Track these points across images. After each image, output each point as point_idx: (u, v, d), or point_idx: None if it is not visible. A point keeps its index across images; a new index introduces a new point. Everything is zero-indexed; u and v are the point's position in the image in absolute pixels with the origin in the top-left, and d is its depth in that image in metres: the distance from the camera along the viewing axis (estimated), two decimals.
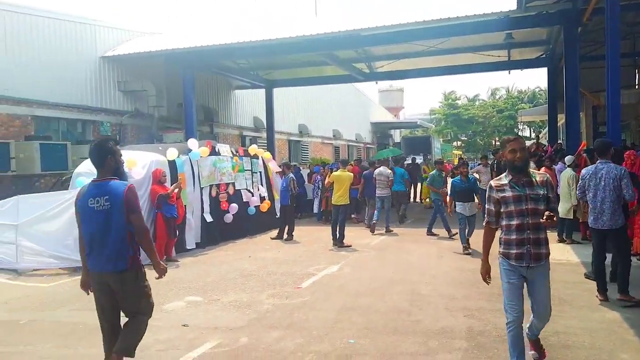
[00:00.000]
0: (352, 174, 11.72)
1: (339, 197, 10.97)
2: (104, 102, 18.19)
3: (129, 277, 3.96)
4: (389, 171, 13.07)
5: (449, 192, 10.57)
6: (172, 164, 9.96)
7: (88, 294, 4.23)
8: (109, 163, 3.99)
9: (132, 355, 4.13)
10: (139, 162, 9.22)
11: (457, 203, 9.85)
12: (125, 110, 18.90)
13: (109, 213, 3.90)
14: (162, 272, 4.17)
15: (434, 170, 12.38)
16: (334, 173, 11.54)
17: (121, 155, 4.15)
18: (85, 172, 9.18)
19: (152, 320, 5.82)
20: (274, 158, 16.31)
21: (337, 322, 5.71)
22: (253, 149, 13.44)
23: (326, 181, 12.08)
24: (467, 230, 9.69)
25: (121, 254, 3.91)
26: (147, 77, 18.89)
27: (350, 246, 10.61)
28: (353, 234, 11.85)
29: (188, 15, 52.20)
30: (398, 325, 5.55)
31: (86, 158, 13.58)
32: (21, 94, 15.50)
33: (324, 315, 6.04)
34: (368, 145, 41.07)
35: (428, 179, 12.39)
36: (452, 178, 11.06)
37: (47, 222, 8.91)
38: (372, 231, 12.46)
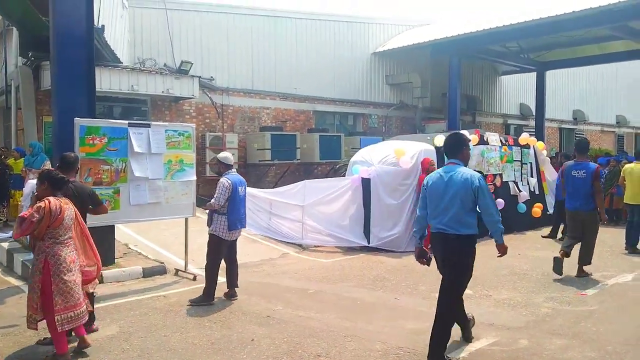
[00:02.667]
0: None
1: (635, 194, 9.29)
2: (372, 95, 19.38)
3: None
4: None
5: None
6: (439, 154, 9.90)
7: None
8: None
9: None
10: (407, 152, 9.45)
11: None
12: (391, 102, 19.77)
13: None
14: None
15: None
16: (627, 166, 9.82)
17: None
18: (361, 160, 9.87)
19: (425, 307, 5.89)
20: None
21: None
22: (525, 138, 12.43)
23: (620, 177, 10.35)
24: None
25: None
26: (413, 69, 19.37)
27: None
28: None
29: (458, 3, 51.56)
30: None
31: (356, 149, 14.76)
32: (305, 91, 17.65)
33: (620, 329, 5.14)
34: None
35: None
36: None
37: (327, 204, 9.91)
38: None
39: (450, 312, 4.45)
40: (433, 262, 4.68)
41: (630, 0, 12.68)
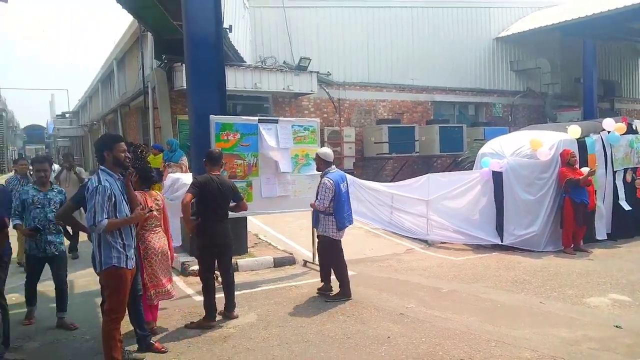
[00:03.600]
0: None
1: None
2: (495, 83, 18.29)
3: None
4: None
5: None
6: (581, 144, 8.98)
7: None
8: None
9: None
10: (545, 143, 8.67)
11: None
12: (517, 90, 18.52)
13: None
14: None
15: None
16: None
17: None
18: (490, 152, 9.26)
19: (576, 314, 5.33)
20: None
21: None
22: None
23: None
24: None
25: None
26: (541, 54, 17.96)
27: None
28: None
29: None
30: None
31: (480, 140, 13.98)
32: (423, 82, 17.11)
33: None
34: None
35: None
36: None
37: (453, 199, 9.43)
38: None
39: None
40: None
41: None
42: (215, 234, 5.28)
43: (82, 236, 7.94)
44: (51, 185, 5.47)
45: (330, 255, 6.25)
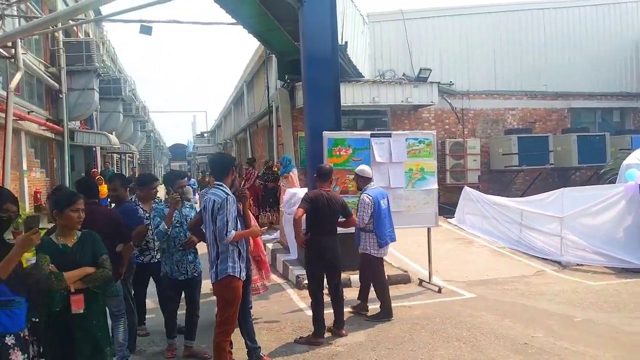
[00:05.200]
0: None
1: None
2: None
3: None
4: None
5: None
6: None
7: None
8: None
9: None
10: None
11: None
12: None
13: None
14: None
15: None
16: None
17: None
18: (636, 163, 8.15)
19: None
20: None
21: None
22: None
23: None
24: None
25: None
26: None
27: None
28: None
29: None
30: None
31: (626, 150, 12.39)
32: (557, 87, 15.76)
33: None
34: None
35: None
36: None
37: (592, 216, 8.44)
38: None
39: None
40: None
41: None
42: (323, 248, 5.27)
43: None
44: (183, 202, 5.17)
45: (370, 274, 6.03)
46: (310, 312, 5.98)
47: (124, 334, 4.56)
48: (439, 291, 6.95)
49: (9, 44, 12.77)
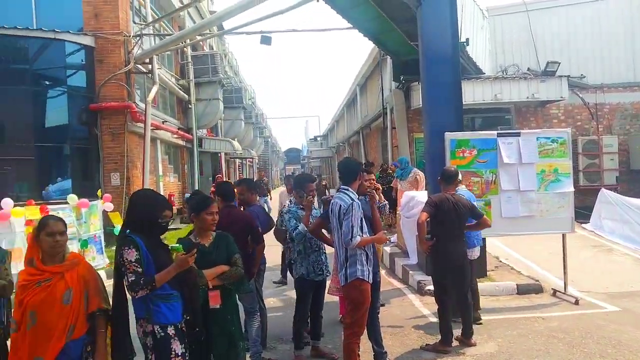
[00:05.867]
0: None
1: None
2: None
3: None
4: None
5: None
6: None
7: None
8: None
9: None
10: None
11: None
12: None
13: None
14: None
15: None
16: None
17: None
18: None
19: None
20: None
21: None
22: None
23: None
24: None
25: None
26: None
27: None
28: None
29: None
30: None
31: None
32: None
33: None
34: None
35: None
36: None
37: None
38: None
39: None
40: None
41: None
42: (450, 254, 5.10)
43: None
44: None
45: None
46: (434, 319, 5.87)
47: (257, 330, 4.78)
48: (576, 303, 6.39)
49: (147, 60, 14.16)
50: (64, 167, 13.43)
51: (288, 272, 7.81)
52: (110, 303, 3.06)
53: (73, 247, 9.34)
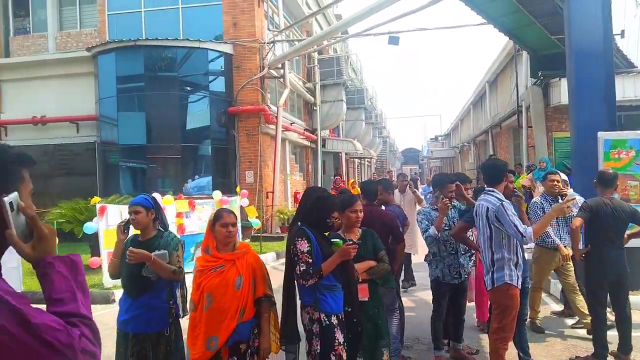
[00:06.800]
0: None
1: None
2: None
3: None
4: None
5: None
6: None
7: None
8: None
9: None
10: None
11: None
12: None
13: None
14: None
15: None
16: None
17: None
18: None
19: None
20: None
21: None
22: None
23: None
24: None
25: None
26: None
27: None
28: None
29: None
30: None
31: None
32: None
33: None
34: None
35: None
36: None
37: None
38: None
39: None
40: None
41: None
42: (608, 263, 4.70)
43: None
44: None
45: None
46: (581, 331, 5.48)
47: (397, 328, 4.82)
48: None
49: (279, 65, 14.92)
50: (204, 165, 14.64)
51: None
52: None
53: None
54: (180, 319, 3.57)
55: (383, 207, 5.40)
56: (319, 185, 19.11)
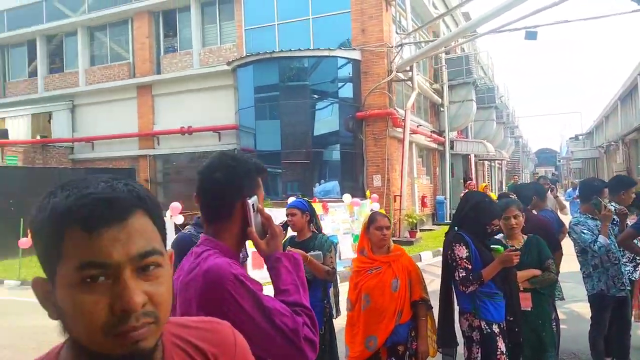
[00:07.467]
0: None
1: None
2: None
3: None
4: None
5: None
6: None
7: None
8: None
9: None
10: None
11: None
12: None
13: None
14: None
15: None
16: None
17: None
18: None
19: None
20: None
21: None
22: None
23: None
24: None
25: None
26: None
27: None
28: None
29: None
30: None
31: None
32: None
33: None
34: None
35: None
36: None
37: None
38: None
39: None
40: None
41: None
42: None
43: None
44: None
45: None
46: None
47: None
48: None
49: (407, 67, 14.82)
50: (332, 170, 15.04)
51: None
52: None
53: (347, 241, 10.42)
54: (333, 319, 3.70)
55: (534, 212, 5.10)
56: (448, 189, 18.60)
